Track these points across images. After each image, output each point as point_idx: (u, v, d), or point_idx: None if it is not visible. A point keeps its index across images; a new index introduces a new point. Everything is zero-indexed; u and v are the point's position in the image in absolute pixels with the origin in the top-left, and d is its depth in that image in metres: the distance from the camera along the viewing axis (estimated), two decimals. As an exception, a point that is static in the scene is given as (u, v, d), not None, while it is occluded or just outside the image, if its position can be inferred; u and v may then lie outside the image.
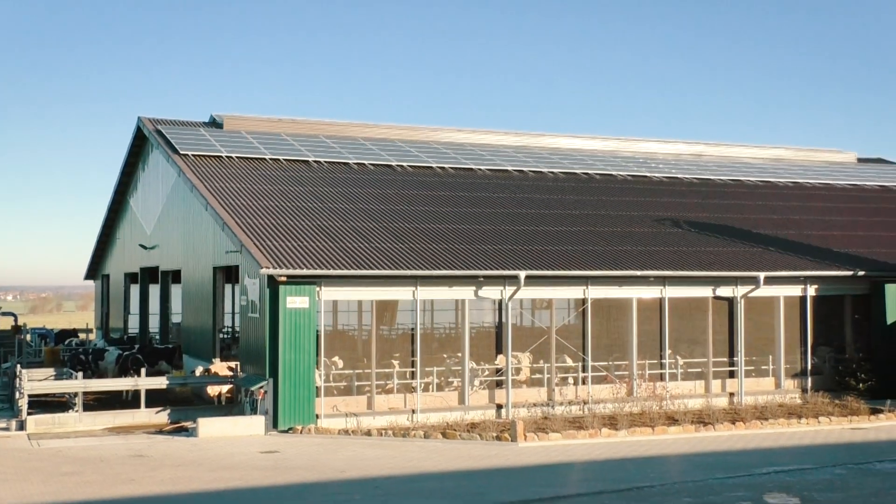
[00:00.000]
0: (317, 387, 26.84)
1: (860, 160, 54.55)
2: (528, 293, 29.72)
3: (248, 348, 28.83)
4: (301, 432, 25.88)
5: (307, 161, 37.79)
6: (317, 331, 26.95)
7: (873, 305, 34.35)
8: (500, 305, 29.50)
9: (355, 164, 38.53)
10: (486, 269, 28.49)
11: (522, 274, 28.56)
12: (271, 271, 25.99)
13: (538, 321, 32.49)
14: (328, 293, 27.39)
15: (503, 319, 29.39)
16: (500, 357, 29.47)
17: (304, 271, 26.40)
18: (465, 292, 28.90)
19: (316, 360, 26.83)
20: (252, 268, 27.12)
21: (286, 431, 25.90)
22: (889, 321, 33.95)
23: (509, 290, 28.92)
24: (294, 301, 26.40)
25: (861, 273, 33.75)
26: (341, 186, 35.20)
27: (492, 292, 29.04)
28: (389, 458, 22.41)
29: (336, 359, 28.45)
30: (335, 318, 31.98)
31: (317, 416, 26.60)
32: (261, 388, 26.32)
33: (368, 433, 26.15)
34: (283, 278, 26.23)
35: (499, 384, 29.37)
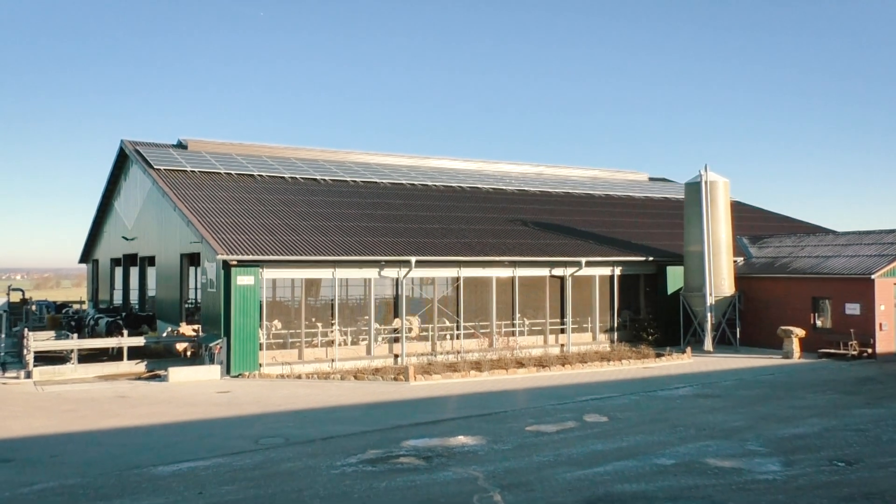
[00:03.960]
0: (260, 343, 26.35)
1: (651, 179, 56.16)
2: (418, 273, 29.74)
3: (207, 314, 28.06)
4: (248, 377, 25.38)
5: (252, 175, 36.92)
6: (260, 301, 26.45)
7: (659, 281, 35.60)
8: (397, 282, 29.46)
9: (289, 177, 37.80)
10: (386, 256, 28.40)
11: (413, 259, 28.58)
12: (225, 257, 25.39)
13: (425, 293, 32.55)
14: (269, 273, 26.90)
15: (399, 292, 29.37)
16: (397, 320, 29.44)
17: (250, 257, 25.85)
18: (371, 273, 28.74)
19: (259, 323, 26.32)
20: (210, 254, 26.41)
21: (237, 377, 25.35)
22: (669, 292, 35.30)
23: (404, 271, 28.90)
24: (243, 279, 25.85)
25: (651, 259, 35.00)
26: (278, 194, 34.53)
27: (391, 273, 28.96)
28: (315, 395, 22.19)
29: (275, 322, 27.96)
30: (274, 292, 31.32)
31: (260, 365, 26.10)
32: (217, 344, 25.70)
33: (299, 377, 25.85)
34: (234, 262, 25.64)
35: (396, 340, 29.34)
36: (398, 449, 14.69)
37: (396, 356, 28.98)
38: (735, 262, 35.38)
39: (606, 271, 34.16)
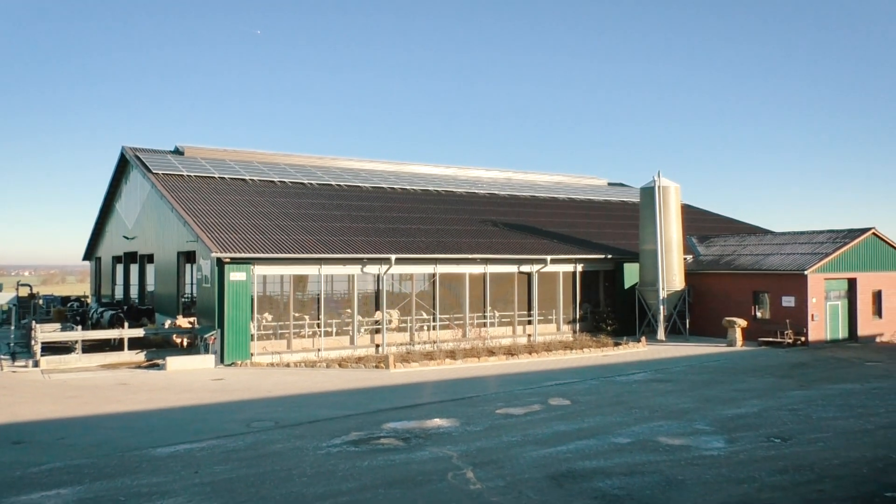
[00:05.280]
0: (251, 334, 26.18)
1: (610, 184, 56.42)
2: (397, 270, 29.71)
3: (202, 308, 27.83)
4: (240, 366, 25.23)
5: (244, 179, 36.60)
6: (251, 295, 26.29)
7: (617, 277, 35.90)
8: (378, 278, 29.42)
9: (279, 181, 37.52)
10: (368, 254, 28.35)
11: (393, 257, 28.57)
12: (219, 255, 25.20)
13: (404, 288, 32.52)
14: (259, 270, 26.74)
15: (380, 287, 29.33)
16: (378, 312, 29.40)
17: (242, 255, 25.69)
18: (354, 269, 28.67)
19: (251, 316, 26.16)
20: (205, 252, 26.17)
21: (230, 365, 25.19)
22: (626, 287, 35.61)
23: (384, 267, 28.87)
24: (235, 275, 25.67)
25: (609, 256, 35.27)
26: (269, 197, 34.28)
27: (373, 269, 28.92)
28: (302, 382, 22.10)
29: (266, 315, 27.78)
30: (265, 287, 31.10)
31: (251, 354, 25.95)
32: (212, 335, 25.49)
33: (288, 365, 25.76)
34: (228, 259, 25.46)
35: (377, 331, 29.29)
36: (379, 431, 14.69)
37: (377, 346, 28.94)
38: (685, 259, 35.81)
39: (569, 268, 34.38)
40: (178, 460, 12.33)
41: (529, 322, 33.16)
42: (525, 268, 32.97)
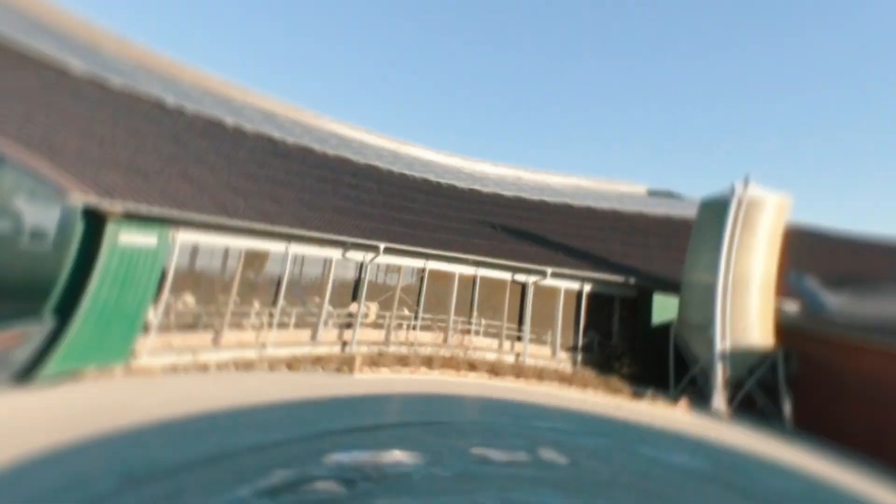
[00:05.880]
0: (144, 323, 22.05)
1: (650, 192, 50.28)
2: (384, 260, 25.90)
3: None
4: (104, 374, 21.06)
5: (166, 105, 31.41)
6: (162, 269, 22.19)
7: (640, 308, 30.42)
8: (361, 266, 25.59)
9: (233, 125, 30.15)
10: (354, 237, 24.47)
11: (382, 245, 24.93)
12: (95, 202, 20.63)
13: (389, 280, 28.64)
14: (187, 236, 21.54)
15: (362, 276, 25.57)
16: (354, 304, 25.55)
17: (154, 209, 20.10)
18: (333, 252, 24.79)
19: (152, 297, 22.10)
20: (48, 192, 21.93)
21: (58, 377, 18.48)
22: (654, 322, 29.42)
23: (370, 255, 25.06)
24: (133, 237, 21.04)
25: (632, 281, 30.09)
26: (216, 143, 28.94)
27: (357, 255, 25.09)
28: (220, 393, 16.19)
29: (186, 297, 23.09)
30: (192, 260, 26.93)
31: (131, 354, 21.53)
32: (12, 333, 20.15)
33: (205, 368, 19.60)
34: (120, 212, 20.03)
35: (348, 325, 25.39)
36: (316, 467, 10.96)
37: (345, 343, 24.97)
38: (784, 309, 26.56)
39: (574, 286, 30.28)
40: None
41: (519, 339, 29.38)
42: (520, 277, 29.06)
